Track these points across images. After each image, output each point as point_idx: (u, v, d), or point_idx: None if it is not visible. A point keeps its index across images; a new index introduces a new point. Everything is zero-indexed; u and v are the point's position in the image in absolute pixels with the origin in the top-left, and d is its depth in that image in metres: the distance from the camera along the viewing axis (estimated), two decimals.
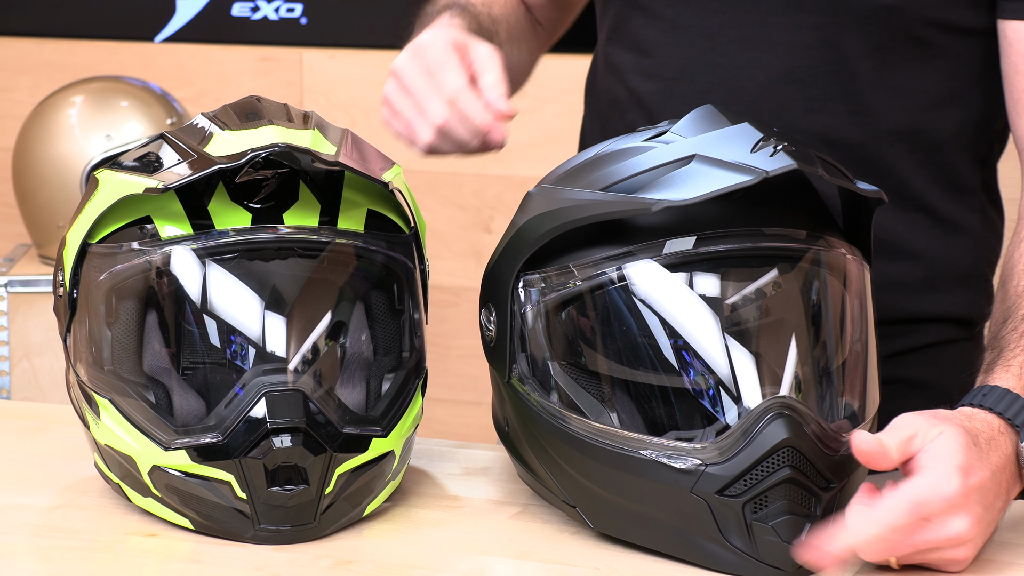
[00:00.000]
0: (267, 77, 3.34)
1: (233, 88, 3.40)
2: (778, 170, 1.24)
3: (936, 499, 1.22)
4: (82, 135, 2.98)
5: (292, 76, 3.34)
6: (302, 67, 3.34)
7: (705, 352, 1.27)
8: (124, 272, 1.35)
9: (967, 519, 1.24)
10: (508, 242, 1.36)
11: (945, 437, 1.25)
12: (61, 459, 1.55)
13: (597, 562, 1.29)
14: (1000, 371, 1.35)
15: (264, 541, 1.33)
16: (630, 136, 1.39)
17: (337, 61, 3.31)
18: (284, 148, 1.32)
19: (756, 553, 1.24)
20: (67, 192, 2.96)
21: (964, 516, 1.23)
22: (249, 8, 3.35)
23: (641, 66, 1.63)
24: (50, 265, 3.01)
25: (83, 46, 3.46)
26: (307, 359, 1.35)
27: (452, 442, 1.60)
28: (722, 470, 1.25)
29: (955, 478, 1.23)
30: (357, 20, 3.30)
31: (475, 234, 3.22)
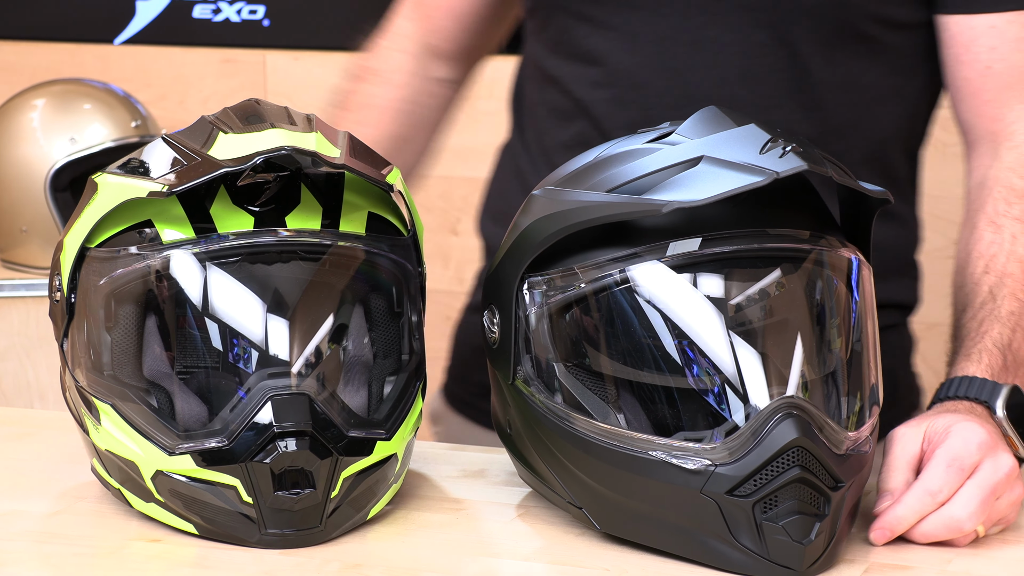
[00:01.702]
0: (230, 79, 3.33)
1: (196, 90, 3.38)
2: (789, 171, 1.24)
3: (969, 448, 1.32)
4: (45, 138, 2.95)
5: (255, 78, 3.33)
6: (265, 69, 3.33)
7: (713, 353, 1.28)
8: (125, 276, 1.34)
9: (1007, 455, 1.33)
10: (512, 244, 1.36)
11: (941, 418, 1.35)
12: (53, 464, 1.53)
13: (606, 563, 1.29)
14: (962, 363, 1.46)
15: (269, 545, 1.32)
16: (633, 137, 1.39)
17: (301, 63, 3.30)
18: (291, 151, 1.31)
19: (766, 553, 1.25)
20: (31, 196, 2.93)
21: (1004, 453, 1.33)
22: (211, 10, 3.34)
23: (589, 76, 1.65)
24: (13, 269, 2.99)
25: (42, 48, 3.44)
26: (311, 362, 1.35)
27: (446, 445, 1.60)
28: (732, 470, 1.25)
29: (975, 427, 1.33)
30: (321, 22, 3.29)
31: (442, 236, 3.22)
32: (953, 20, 1.61)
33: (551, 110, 1.69)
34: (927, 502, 1.30)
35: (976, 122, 1.62)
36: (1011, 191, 1.56)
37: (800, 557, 1.25)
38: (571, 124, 1.67)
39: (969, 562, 1.29)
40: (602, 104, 1.65)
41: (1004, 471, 1.32)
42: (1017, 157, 1.58)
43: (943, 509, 1.30)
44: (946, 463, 1.31)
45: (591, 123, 1.65)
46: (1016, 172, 1.57)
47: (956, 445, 1.32)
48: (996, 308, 1.49)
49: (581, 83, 1.66)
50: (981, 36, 1.61)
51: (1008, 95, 1.61)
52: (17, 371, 2.95)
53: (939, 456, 1.32)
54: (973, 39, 1.61)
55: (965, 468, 1.31)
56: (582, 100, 1.66)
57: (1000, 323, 1.48)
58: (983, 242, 1.54)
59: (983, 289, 1.52)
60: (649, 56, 1.61)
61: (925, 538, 1.31)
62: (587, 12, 1.63)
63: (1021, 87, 1.61)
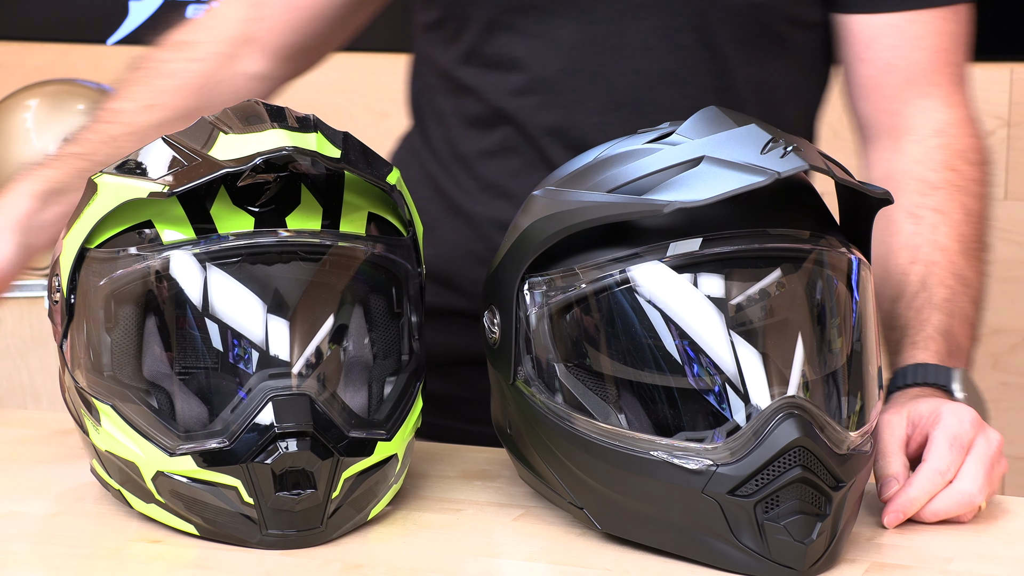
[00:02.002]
0: None
1: None
2: (791, 171, 1.24)
3: (963, 426, 1.37)
4: (38, 139, 2.95)
5: None
6: None
7: (714, 353, 1.28)
8: (125, 277, 1.34)
9: (993, 430, 1.39)
10: (512, 244, 1.36)
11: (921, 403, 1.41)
12: (51, 466, 1.53)
13: (607, 563, 1.29)
14: (910, 350, 1.52)
15: (270, 546, 1.32)
16: (632, 138, 1.39)
17: None
18: (292, 151, 1.31)
19: (768, 553, 1.25)
20: None
21: (989, 428, 1.39)
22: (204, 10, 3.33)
23: (509, 83, 1.66)
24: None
25: (34, 49, 3.43)
26: (311, 363, 1.35)
27: (445, 444, 1.60)
28: (733, 470, 1.25)
29: (961, 407, 1.39)
30: None
31: None
32: (855, 19, 1.66)
33: (466, 119, 1.69)
34: (937, 481, 1.35)
35: (876, 117, 1.67)
36: (924, 183, 1.62)
37: (802, 557, 1.25)
38: (491, 132, 1.68)
39: (970, 562, 1.29)
40: (526, 111, 1.65)
41: (995, 444, 1.38)
42: (922, 151, 1.64)
43: (953, 486, 1.35)
44: (948, 443, 1.35)
45: (515, 129, 1.67)
46: (925, 165, 1.63)
47: (953, 424, 1.37)
48: (930, 296, 1.54)
49: (500, 91, 1.66)
50: (882, 35, 1.66)
51: (908, 91, 1.66)
52: (11, 372, 2.94)
53: (940, 437, 1.36)
54: (874, 38, 1.66)
55: (964, 445, 1.36)
56: (503, 108, 1.67)
57: (938, 310, 1.53)
58: (904, 233, 1.59)
59: (913, 279, 1.56)
60: (574, 61, 1.63)
61: (935, 516, 1.35)
62: (507, 20, 1.63)
63: (920, 84, 1.66)
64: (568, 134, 1.64)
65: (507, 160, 1.68)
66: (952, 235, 1.58)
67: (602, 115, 1.63)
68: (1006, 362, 2.95)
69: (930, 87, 1.67)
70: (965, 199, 1.62)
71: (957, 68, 1.69)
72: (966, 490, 1.35)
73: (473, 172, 1.70)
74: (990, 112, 2.91)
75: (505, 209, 1.65)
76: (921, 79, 1.66)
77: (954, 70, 1.68)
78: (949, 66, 1.68)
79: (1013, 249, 2.94)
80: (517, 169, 1.68)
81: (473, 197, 1.70)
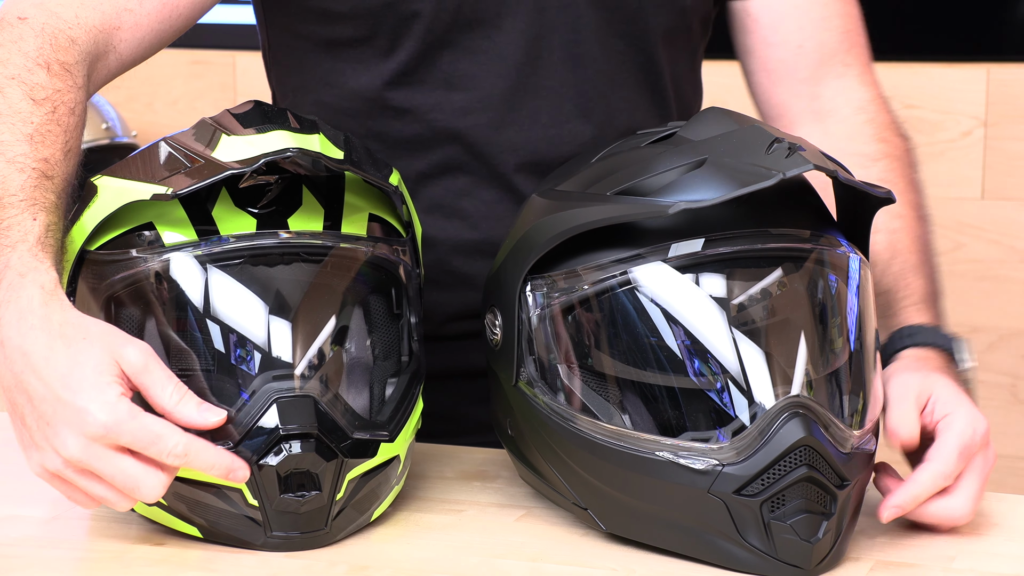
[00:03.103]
0: (199, 81, 3.32)
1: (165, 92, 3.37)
2: (797, 171, 1.25)
3: (974, 436, 1.36)
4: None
5: (225, 79, 3.31)
6: (235, 70, 3.31)
7: (719, 353, 1.28)
8: (127, 279, 1.34)
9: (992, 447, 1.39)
10: (514, 245, 1.36)
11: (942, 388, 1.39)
12: None
13: (613, 563, 1.30)
14: (911, 312, 1.51)
15: (274, 548, 1.32)
16: (634, 139, 1.40)
17: None
18: (297, 153, 1.31)
19: (774, 552, 1.26)
20: None
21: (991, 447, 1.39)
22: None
23: (454, 102, 1.62)
24: None
25: None
26: (314, 364, 1.34)
27: (443, 445, 1.60)
28: (739, 470, 1.25)
29: (978, 416, 1.37)
30: None
31: None
32: (754, 4, 1.68)
33: (396, 143, 1.63)
34: (939, 484, 1.34)
35: (794, 102, 1.69)
36: (862, 157, 1.63)
37: (808, 556, 1.25)
38: (429, 152, 1.63)
39: (973, 559, 1.30)
40: (477, 129, 1.62)
41: (991, 462, 1.38)
42: (849, 128, 1.66)
43: (948, 500, 1.34)
44: (958, 450, 1.35)
45: (462, 148, 1.62)
46: (857, 140, 1.64)
47: (967, 434, 1.36)
48: (905, 261, 1.55)
49: (444, 111, 1.62)
50: (787, 17, 1.68)
51: (823, 71, 1.68)
52: None
53: (951, 442, 1.35)
54: (780, 19, 1.67)
55: (969, 457, 1.35)
56: (448, 128, 1.62)
57: (918, 276, 1.54)
58: None
59: (881, 247, 1.55)
60: (523, 77, 1.61)
61: (921, 518, 1.35)
62: (450, 38, 1.60)
63: (835, 64, 1.68)
64: (522, 149, 1.62)
65: (453, 180, 1.64)
66: (904, 202, 1.59)
67: (555, 130, 1.62)
68: (984, 360, 2.97)
69: (844, 67, 1.68)
70: (905, 169, 1.63)
71: (863, 48, 1.71)
72: (958, 507, 1.34)
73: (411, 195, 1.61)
74: (967, 112, 2.94)
75: (462, 229, 1.64)
76: (834, 59, 1.68)
77: (861, 50, 1.70)
78: (856, 47, 1.69)
79: (990, 248, 2.95)
80: (466, 187, 1.64)
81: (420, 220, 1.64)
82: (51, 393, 1.23)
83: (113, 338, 1.25)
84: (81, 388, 1.22)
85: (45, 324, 1.25)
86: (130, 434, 1.22)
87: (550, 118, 1.62)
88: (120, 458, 1.23)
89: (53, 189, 1.33)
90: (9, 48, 1.40)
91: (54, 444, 1.24)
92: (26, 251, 1.27)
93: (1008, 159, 2.93)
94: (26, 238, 1.28)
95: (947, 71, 2.93)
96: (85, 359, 1.23)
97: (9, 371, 1.25)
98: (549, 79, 1.61)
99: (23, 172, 1.32)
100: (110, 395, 1.22)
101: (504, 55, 1.60)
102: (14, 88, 1.37)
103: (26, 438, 1.26)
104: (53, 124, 1.36)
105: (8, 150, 1.33)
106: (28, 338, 1.24)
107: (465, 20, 1.59)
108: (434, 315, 1.65)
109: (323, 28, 1.63)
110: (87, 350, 1.24)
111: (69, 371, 1.23)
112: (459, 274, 1.63)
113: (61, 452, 1.23)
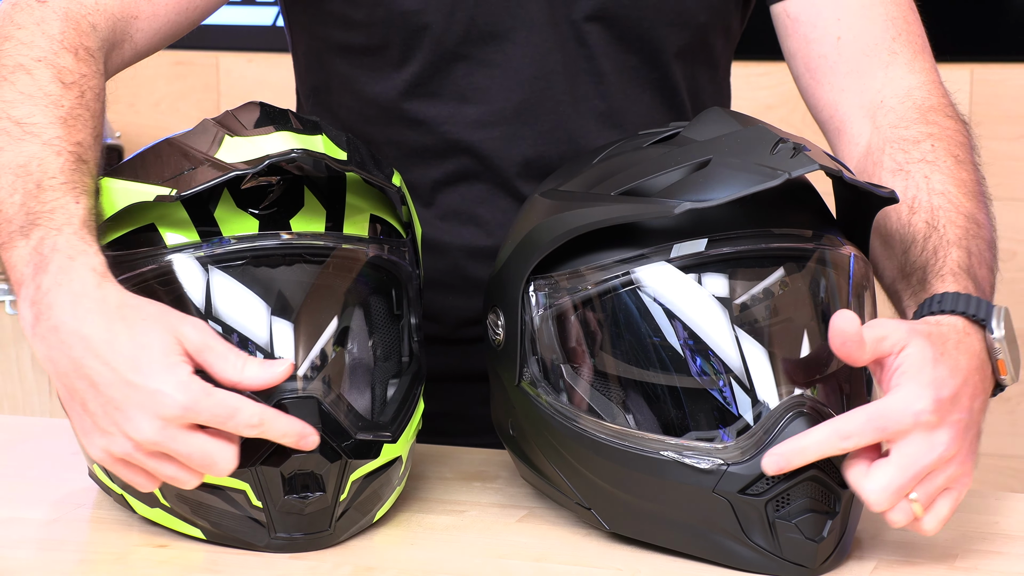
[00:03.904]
0: (182, 82, 3.31)
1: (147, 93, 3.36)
2: (803, 171, 1.25)
3: (902, 414, 1.23)
4: None
5: (208, 80, 3.31)
6: (218, 71, 3.31)
7: (724, 352, 1.28)
8: (129, 281, 1.33)
9: (948, 432, 1.24)
10: (517, 245, 1.36)
11: (913, 351, 1.25)
12: (43, 471, 1.52)
13: (618, 563, 1.30)
14: (938, 282, 1.37)
15: (278, 549, 1.32)
16: (635, 138, 1.40)
17: (255, 65, 3.28)
18: (302, 154, 1.31)
19: (779, 551, 1.26)
20: None
21: (944, 430, 1.24)
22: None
23: (467, 115, 1.61)
24: None
25: None
26: (317, 365, 1.34)
27: (437, 446, 1.59)
28: (744, 469, 1.26)
29: (926, 395, 1.23)
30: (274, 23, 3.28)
31: None
32: (792, 4, 1.62)
33: (411, 151, 1.63)
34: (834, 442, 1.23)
35: (841, 99, 1.60)
36: (903, 141, 1.52)
37: (813, 555, 1.26)
38: (444, 162, 1.63)
39: (976, 558, 1.31)
40: (491, 143, 1.61)
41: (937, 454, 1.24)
42: (894, 117, 1.55)
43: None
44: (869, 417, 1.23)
45: (476, 159, 1.62)
46: (900, 127, 1.53)
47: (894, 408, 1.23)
48: (942, 236, 1.42)
49: (456, 123, 1.61)
50: (824, 10, 1.61)
51: (867, 62, 1.59)
52: None
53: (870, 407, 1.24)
54: (817, 14, 1.61)
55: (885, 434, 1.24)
56: (462, 140, 1.62)
57: (954, 247, 1.40)
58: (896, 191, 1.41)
59: (919, 226, 1.43)
60: (536, 92, 1.60)
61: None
62: (463, 51, 1.59)
63: (880, 53, 1.60)
64: (535, 163, 1.62)
65: (469, 188, 1.64)
66: (948, 180, 1.47)
67: (568, 143, 1.61)
68: None
69: (890, 56, 1.59)
70: (951, 147, 1.50)
71: (915, 36, 1.62)
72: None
73: (426, 201, 1.65)
74: None
75: (477, 236, 1.64)
76: (879, 48, 1.60)
77: (912, 38, 1.61)
78: (904, 34, 1.61)
79: None
80: (481, 195, 1.64)
81: (433, 226, 1.65)
82: (119, 377, 1.21)
83: (171, 317, 1.23)
84: (152, 370, 1.20)
85: (102, 307, 1.22)
86: (208, 411, 1.21)
87: (564, 133, 1.61)
88: (195, 436, 1.22)
89: (89, 173, 1.31)
90: (32, 30, 1.38)
91: (125, 428, 1.21)
92: (72, 234, 1.25)
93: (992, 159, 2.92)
94: (71, 221, 1.26)
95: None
96: (149, 340, 1.21)
97: (66, 356, 1.22)
98: (562, 94, 1.60)
99: (60, 155, 1.30)
100: (182, 374, 1.21)
101: (517, 69, 1.59)
102: (42, 70, 1.35)
103: (88, 424, 1.24)
104: (83, 109, 1.34)
105: (43, 132, 1.31)
106: (86, 322, 1.22)
107: (478, 34, 1.58)
108: (448, 319, 1.65)
109: (341, 33, 1.63)
110: (149, 331, 1.22)
111: (135, 354, 1.21)
112: (473, 279, 1.61)
113: (134, 435, 1.21)
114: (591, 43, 1.60)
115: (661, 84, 1.64)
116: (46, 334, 1.23)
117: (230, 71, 3.29)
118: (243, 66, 3.30)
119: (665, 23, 1.61)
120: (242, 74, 3.29)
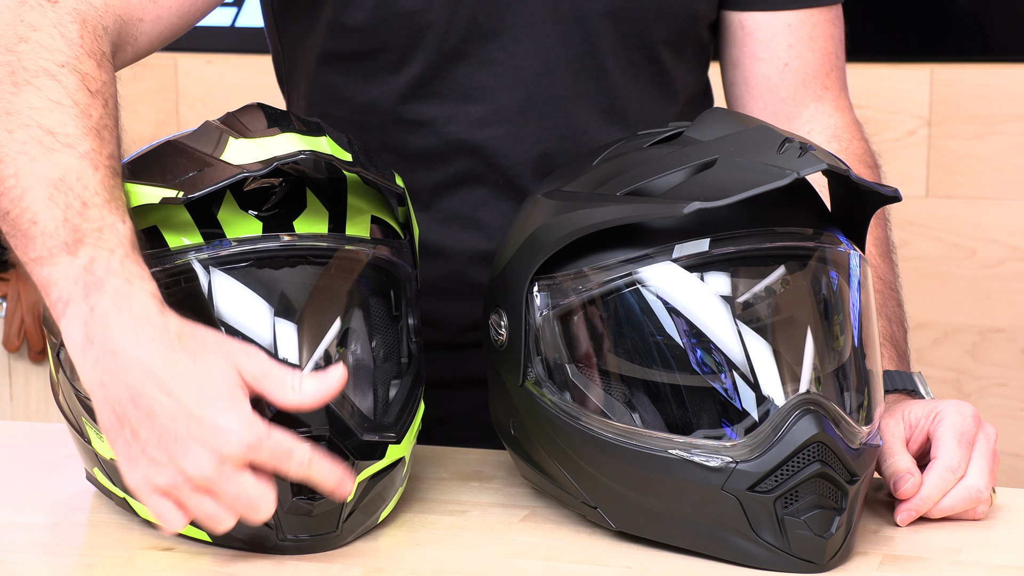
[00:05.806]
0: (140, 83, 3.29)
1: None
2: (811, 171, 1.26)
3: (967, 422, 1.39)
4: None
5: (167, 82, 3.29)
6: (177, 72, 3.29)
7: (730, 351, 1.29)
8: None
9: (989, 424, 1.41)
10: (520, 246, 1.36)
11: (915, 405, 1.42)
12: (38, 476, 1.52)
13: (627, 561, 1.30)
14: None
15: (285, 551, 1.31)
16: (636, 139, 1.40)
17: (214, 66, 3.27)
18: (310, 155, 1.31)
19: (788, 547, 1.27)
20: None
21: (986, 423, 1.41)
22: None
23: (470, 114, 1.61)
24: None
25: None
26: (321, 366, 1.34)
27: (432, 447, 1.60)
28: (753, 467, 1.26)
29: (963, 404, 1.39)
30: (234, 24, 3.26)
31: None
32: (751, 17, 1.68)
33: (410, 156, 1.63)
34: (949, 479, 1.37)
35: (770, 119, 1.67)
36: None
37: (822, 551, 1.27)
38: (445, 165, 1.63)
39: (978, 552, 1.32)
40: (495, 141, 1.61)
41: (993, 438, 1.40)
42: None
43: (961, 482, 1.37)
44: (956, 440, 1.38)
45: (479, 160, 1.62)
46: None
47: (957, 422, 1.39)
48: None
49: (461, 123, 1.61)
50: (779, 34, 1.67)
51: (802, 93, 1.68)
52: None
53: (947, 435, 1.38)
54: (772, 36, 1.67)
55: (970, 441, 1.38)
56: (465, 140, 1.61)
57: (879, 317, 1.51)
58: None
59: None
60: (539, 89, 1.61)
61: (943, 512, 1.37)
62: (465, 50, 1.59)
63: (814, 86, 1.68)
64: (539, 160, 1.62)
65: (469, 191, 1.64)
66: (868, 239, 1.57)
67: (572, 139, 1.62)
68: (929, 356, 3.01)
69: (822, 90, 1.68)
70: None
71: (842, 72, 1.71)
72: (973, 485, 1.37)
73: (424, 206, 1.65)
74: (911, 112, 2.97)
75: (479, 240, 1.64)
76: (815, 81, 1.68)
77: (840, 74, 1.71)
78: (835, 69, 1.70)
79: (934, 245, 2.99)
80: (483, 198, 1.64)
81: (432, 231, 1.64)
82: (183, 410, 1.18)
83: (229, 347, 1.21)
84: (217, 405, 1.18)
85: (164, 335, 1.20)
86: (268, 451, 1.19)
87: (567, 129, 1.61)
88: (245, 477, 1.19)
89: (121, 187, 1.28)
90: (51, 32, 1.33)
91: (180, 462, 1.18)
92: (125, 256, 1.23)
93: (951, 158, 2.97)
94: (122, 243, 1.24)
95: (891, 71, 2.96)
96: (212, 372, 1.19)
97: (122, 383, 1.19)
98: (565, 90, 1.61)
99: (98, 170, 1.26)
100: (245, 412, 1.19)
101: (520, 66, 1.59)
102: (68, 76, 1.31)
103: (135, 452, 1.20)
104: (108, 119, 1.31)
105: (78, 144, 1.27)
106: (147, 350, 1.19)
107: (480, 32, 1.58)
108: (451, 324, 1.65)
109: (333, 42, 1.61)
110: (211, 363, 1.19)
111: (201, 387, 1.18)
112: (476, 284, 1.60)
113: (189, 469, 1.18)
114: (596, 38, 1.61)
115: (660, 78, 1.65)
116: (101, 358, 1.20)
117: (189, 72, 3.27)
118: (202, 67, 3.28)
119: (666, 14, 1.62)
120: (201, 75, 3.27)
